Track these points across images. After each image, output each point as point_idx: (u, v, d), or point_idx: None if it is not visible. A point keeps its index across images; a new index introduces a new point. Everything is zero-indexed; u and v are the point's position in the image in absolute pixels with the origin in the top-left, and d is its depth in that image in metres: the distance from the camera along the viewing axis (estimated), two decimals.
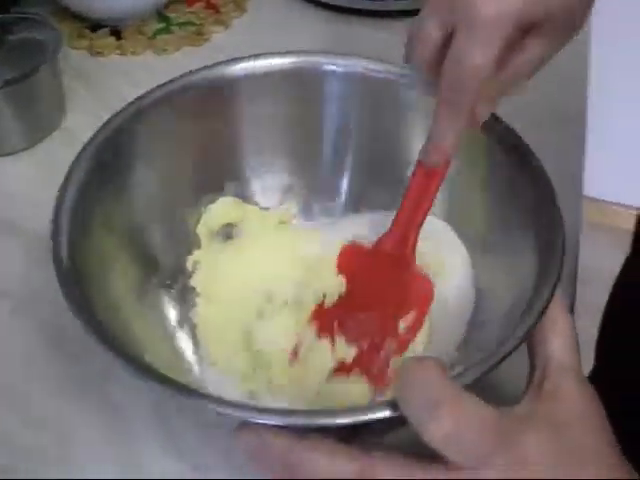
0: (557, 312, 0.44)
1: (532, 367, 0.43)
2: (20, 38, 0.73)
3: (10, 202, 0.67)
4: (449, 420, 0.36)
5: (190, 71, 0.58)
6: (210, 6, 0.90)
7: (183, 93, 0.57)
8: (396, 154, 0.60)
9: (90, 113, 0.75)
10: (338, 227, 0.60)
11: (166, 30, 0.86)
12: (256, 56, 0.59)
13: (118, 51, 0.83)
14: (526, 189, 0.51)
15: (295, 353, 0.53)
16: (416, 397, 0.38)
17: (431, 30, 0.47)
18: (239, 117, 0.59)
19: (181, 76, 0.57)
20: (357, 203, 0.61)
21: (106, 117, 0.73)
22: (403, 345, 0.52)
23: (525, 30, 0.45)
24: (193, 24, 0.87)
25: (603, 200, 1.86)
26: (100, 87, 0.79)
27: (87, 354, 0.55)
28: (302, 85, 0.59)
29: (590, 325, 0.45)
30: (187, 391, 0.41)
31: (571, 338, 0.43)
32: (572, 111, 0.75)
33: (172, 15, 0.88)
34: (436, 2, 0.46)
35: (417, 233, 0.53)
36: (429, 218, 0.54)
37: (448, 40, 0.45)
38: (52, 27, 0.74)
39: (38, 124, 0.72)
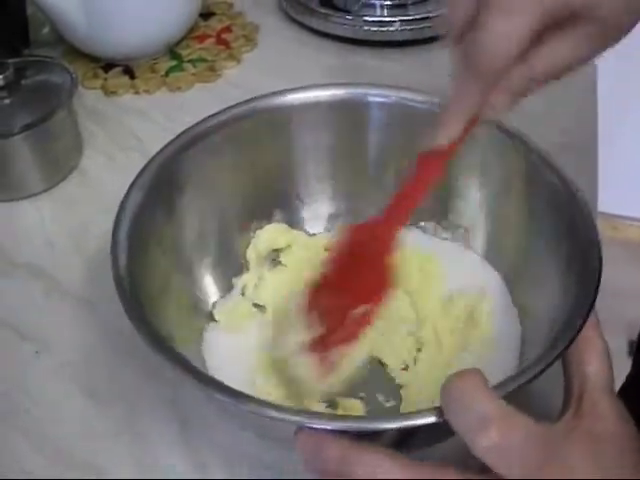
0: (592, 333, 0.44)
1: (568, 385, 0.44)
2: (34, 81, 0.74)
3: (29, 245, 0.67)
4: (497, 433, 0.37)
5: (245, 100, 0.60)
6: (221, 41, 0.91)
7: (234, 123, 0.59)
8: None
9: (106, 153, 0.76)
10: None
11: (178, 67, 0.87)
12: (305, 88, 0.60)
13: (132, 90, 0.84)
14: (564, 211, 0.52)
15: None
16: (464, 411, 0.39)
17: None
18: (288, 146, 0.61)
19: (232, 106, 0.59)
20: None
21: (121, 157, 0.75)
22: (349, 335, 0.50)
23: (559, 22, 0.42)
24: (205, 60, 0.88)
25: (615, 214, 1.86)
26: (115, 127, 0.79)
27: (113, 394, 0.56)
28: (348, 115, 0.61)
29: (607, 337, 0.45)
30: (245, 397, 0.42)
31: (606, 359, 0.44)
32: (583, 128, 0.75)
33: (184, 52, 0.89)
34: None
35: (404, 221, 0.51)
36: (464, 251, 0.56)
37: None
38: (66, 69, 0.75)
39: (56, 166, 0.73)
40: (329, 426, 0.41)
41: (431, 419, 0.40)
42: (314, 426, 0.41)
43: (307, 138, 0.61)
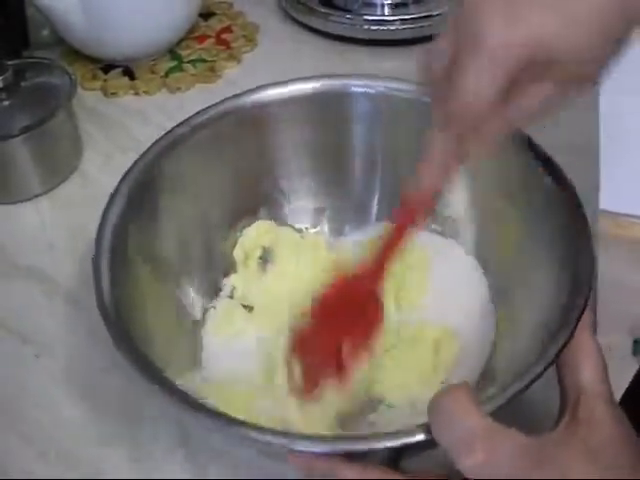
0: (584, 337, 0.44)
1: (563, 393, 0.43)
2: (34, 83, 0.74)
3: (31, 248, 0.67)
4: (482, 453, 0.38)
5: (223, 100, 0.59)
6: (221, 42, 0.91)
7: (216, 121, 0.58)
8: None
9: (106, 154, 0.76)
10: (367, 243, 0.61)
11: (178, 68, 0.86)
12: (285, 82, 0.60)
13: (132, 91, 0.84)
14: (557, 210, 0.51)
15: None
16: (449, 428, 0.39)
17: (442, 46, 0.45)
18: (270, 142, 0.61)
19: (214, 105, 0.59)
20: (387, 219, 0.61)
21: (122, 158, 0.74)
22: (340, 371, 0.50)
23: (532, 71, 0.42)
24: (205, 61, 0.88)
25: (619, 213, 1.85)
26: (115, 128, 0.79)
27: (112, 397, 0.55)
28: (330, 107, 0.60)
29: (612, 336, 0.45)
30: (237, 422, 0.41)
31: (600, 363, 0.43)
32: (585, 126, 0.76)
33: (184, 52, 0.89)
34: (453, 21, 0.44)
35: (387, 267, 0.51)
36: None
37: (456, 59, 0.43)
38: (65, 70, 0.75)
39: (56, 168, 0.73)
40: (317, 449, 0.41)
41: (419, 437, 0.40)
42: (302, 449, 0.40)
43: (289, 133, 0.60)
